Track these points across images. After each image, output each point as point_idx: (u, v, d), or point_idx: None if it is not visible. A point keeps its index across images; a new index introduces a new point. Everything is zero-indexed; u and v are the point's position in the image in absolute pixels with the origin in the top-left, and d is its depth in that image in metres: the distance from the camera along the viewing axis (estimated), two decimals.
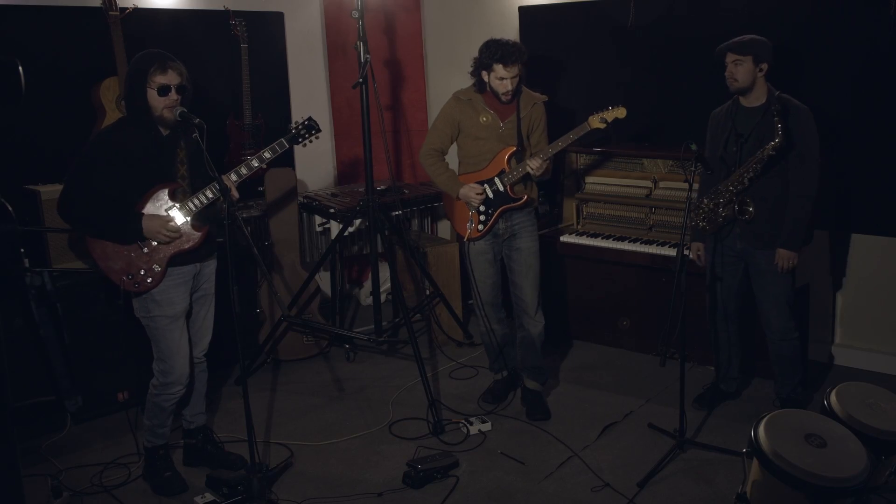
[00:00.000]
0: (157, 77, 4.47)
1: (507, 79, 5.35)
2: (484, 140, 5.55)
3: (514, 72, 5.34)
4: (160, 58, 4.51)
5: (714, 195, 5.28)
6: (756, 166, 5.06)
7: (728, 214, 5.25)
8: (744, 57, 5.10)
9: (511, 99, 5.48)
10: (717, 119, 5.46)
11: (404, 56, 8.31)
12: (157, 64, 4.47)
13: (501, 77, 5.36)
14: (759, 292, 5.41)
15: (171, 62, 4.52)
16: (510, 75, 5.34)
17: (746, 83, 5.15)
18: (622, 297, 6.71)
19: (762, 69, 5.14)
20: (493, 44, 5.37)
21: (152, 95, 4.49)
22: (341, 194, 7.40)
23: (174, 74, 4.51)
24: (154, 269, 4.64)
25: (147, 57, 4.52)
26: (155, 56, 4.51)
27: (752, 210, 5.14)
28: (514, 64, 5.32)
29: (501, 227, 5.62)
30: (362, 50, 5.90)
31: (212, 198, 4.67)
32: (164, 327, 4.76)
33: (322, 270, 7.08)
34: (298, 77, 7.84)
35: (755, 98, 5.22)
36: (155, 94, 4.48)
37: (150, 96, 4.49)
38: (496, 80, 5.39)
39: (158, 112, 4.51)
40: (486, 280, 5.74)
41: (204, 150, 4.37)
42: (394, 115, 8.33)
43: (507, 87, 5.38)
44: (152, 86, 4.47)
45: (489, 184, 5.54)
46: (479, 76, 5.50)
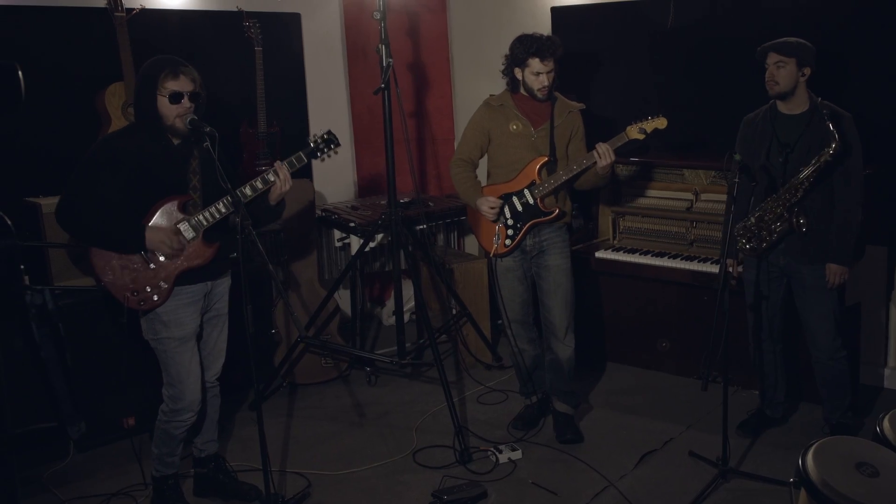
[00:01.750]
0: (168, 83, 4.48)
1: (543, 73, 5.36)
2: (514, 149, 5.55)
3: (550, 66, 5.36)
4: (172, 63, 4.52)
5: (762, 212, 5.24)
6: (811, 176, 5.03)
7: (783, 230, 5.21)
8: (787, 59, 5.06)
9: (548, 96, 5.49)
10: (753, 126, 5.41)
11: (429, 60, 8.34)
12: (168, 69, 4.49)
13: (537, 72, 5.37)
14: (804, 309, 5.37)
15: (183, 68, 4.53)
16: (546, 69, 5.35)
17: (787, 87, 5.12)
18: (661, 317, 6.68)
19: (805, 74, 5.10)
20: (526, 38, 5.39)
21: (163, 103, 4.50)
22: (362, 207, 7.41)
23: (187, 81, 4.52)
24: (161, 286, 4.64)
25: (158, 62, 4.54)
26: (166, 61, 4.53)
27: (804, 222, 5.11)
28: (550, 58, 5.34)
29: (529, 242, 5.62)
30: (384, 53, 5.92)
31: (225, 212, 4.68)
32: (173, 350, 4.76)
33: (341, 288, 7.09)
34: (316, 82, 7.87)
35: (796, 105, 5.19)
36: (166, 101, 4.49)
37: (160, 104, 4.51)
38: (531, 75, 5.40)
39: (170, 121, 4.53)
40: (514, 298, 5.73)
41: (216, 160, 4.37)
42: (418, 123, 8.35)
43: (544, 83, 5.39)
44: (163, 93, 4.49)
45: (518, 196, 5.54)
46: (512, 74, 5.51)
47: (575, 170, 5.44)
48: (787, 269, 5.35)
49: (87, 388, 5.71)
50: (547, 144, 5.52)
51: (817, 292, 5.26)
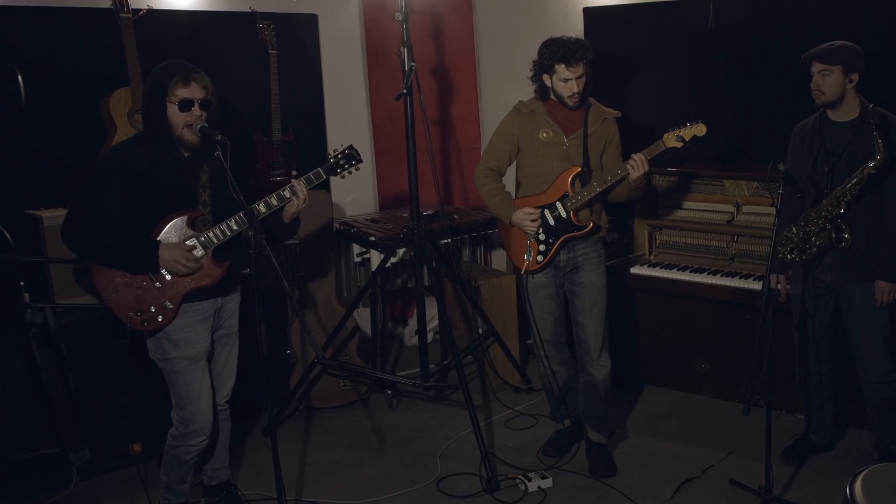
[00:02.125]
0: (178, 90, 4.47)
1: (572, 79, 5.32)
2: (545, 158, 5.52)
3: (579, 71, 5.31)
4: (182, 69, 4.52)
5: (805, 222, 5.20)
6: (854, 188, 4.98)
7: (823, 243, 5.16)
8: (832, 67, 5.00)
9: (579, 103, 5.45)
10: (802, 134, 5.36)
11: (454, 64, 8.33)
12: (178, 76, 4.48)
13: (565, 78, 5.33)
14: (853, 329, 5.31)
15: (194, 74, 4.52)
16: (574, 75, 5.31)
17: (834, 96, 5.06)
18: (700, 337, 6.63)
19: (852, 80, 5.04)
20: (552, 42, 5.36)
21: (173, 111, 4.49)
22: (382, 220, 7.40)
23: (198, 87, 4.52)
24: (166, 306, 4.63)
25: (167, 68, 4.53)
26: (176, 67, 4.53)
27: (849, 237, 5.05)
28: (577, 63, 5.30)
29: (563, 258, 5.58)
30: (406, 57, 5.90)
31: (237, 229, 4.67)
32: (182, 370, 4.74)
33: (361, 306, 7.09)
34: (334, 87, 7.87)
35: (846, 112, 5.14)
36: (176, 109, 4.48)
37: (170, 112, 4.50)
38: (559, 82, 5.37)
39: (179, 130, 4.52)
40: (546, 317, 5.71)
41: (228, 171, 4.34)
42: (442, 131, 8.34)
43: (574, 90, 5.35)
44: (173, 100, 4.48)
45: (550, 209, 5.51)
46: (541, 81, 5.49)
47: (609, 181, 5.40)
48: (835, 285, 5.29)
49: (91, 412, 5.71)
50: (580, 154, 5.49)
51: (866, 311, 5.21)
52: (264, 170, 6.93)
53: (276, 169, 6.92)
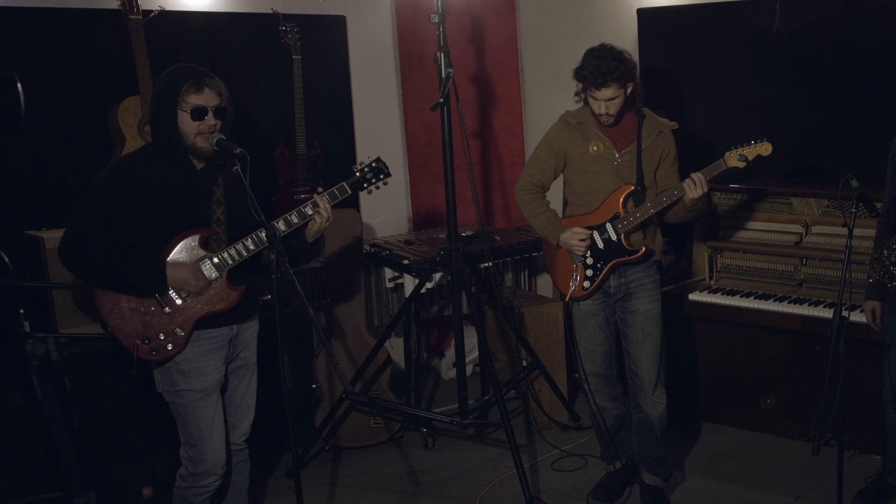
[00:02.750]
0: (190, 97, 4.46)
1: (601, 101, 5.30)
2: (595, 174, 5.49)
3: (608, 94, 5.27)
4: (194, 74, 4.51)
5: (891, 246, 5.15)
6: None
7: None
8: None
9: (613, 123, 5.44)
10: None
11: (496, 70, 8.32)
12: (190, 81, 4.47)
13: (593, 97, 5.33)
14: None
15: (207, 79, 4.52)
16: (604, 98, 5.28)
17: None
18: (766, 369, 6.59)
19: None
20: (590, 54, 5.32)
21: (184, 119, 4.48)
22: (417, 242, 7.38)
23: (212, 94, 4.51)
24: (176, 333, 4.62)
25: (178, 73, 4.53)
26: (188, 71, 4.52)
27: None
28: (603, 87, 5.26)
29: (613, 284, 5.56)
30: (443, 62, 5.89)
31: (254, 249, 4.66)
32: (192, 404, 4.73)
33: (393, 336, 7.07)
34: (364, 96, 7.88)
35: None
36: (187, 117, 4.47)
37: (181, 120, 4.49)
38: (590, 98, 5.37)
39: (191, 140, 4.51)
40: (595, 348, 5.68)
41: (247, 187, 4.34)
42: (482, 144, 8.34)
43: (600, 111, 5.34)
44: (184, 108, 4.47)
45: (599, 230, 5.48)
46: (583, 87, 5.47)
47: (665, 202, 5.37)
48: None
49: (98, 452, 5.71)
50: (633, 170, 5.46)
51: None
52: (287, 187, 6.93)
53: (300, 186, 6.92)
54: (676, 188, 5.32)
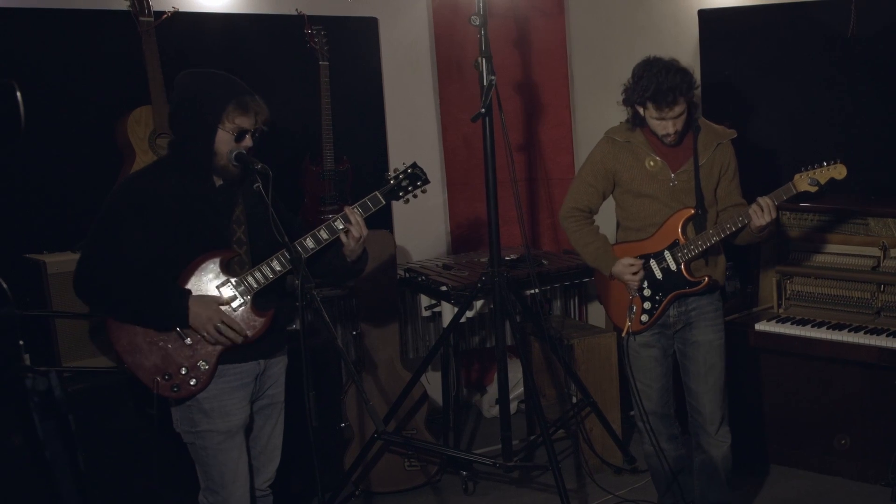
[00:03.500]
0: (236, 118, 4.46)
1: (668, 120, 5.26)
2: (649, 198, 5.47)
3: (675, 112, 5.23)
4: (238, 93, 4.49)
5: None
6: None
7: None
8: None
9: (677, 141, 5.40)
10: None
11: (543, 77, 8.31)
12: (236, 101, 4.46)
13: (657, 118, 5.28)
14: None
15: (250, 99, 4.51)
16: (670, 116, 5.24)
17: None
18: (840, 407, 6.54)
19: None
20: (646, 72, 5.26)
21: (224, 139, 4.47)
22: (456, 266, 7.37)
23: (255, 117, 4.53)
24: (200, 366, 4.58)
25: (224, 88, 4.51)
26: (233, 88, 4.51)
27: None
28: (671, 106, 5.22)
29: (672, 314, 5.53)
30: (485, 69, 5.88)
31: (280, 270, 4.63)
32: (215, 447, 4.69)
33: (430, 370, 7.05)
34: (398, 106, 7.90)
35: None
36: (229, 138, 4.46)
37: (220, 139, 4.47)
38: (651, 119, 5.32)
39: (224, 161, 4.50)
40: (652, 384, 5.64)
41: (269, 205, 4.33)
42: (528, 158, 8.33)
43: (668, 130, 5.29)
44: (228, 128, 4.46)
45: (657, 259, 5.46)
46: (634, 108, 5.43)
47: (730, 229, 5.32)
48: None
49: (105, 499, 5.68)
50: (691, 191, 5.43)
51: None
52: (313, 205, 6.93)
53: (327, 204, 6.92)
54: (742, 214, 5.27)
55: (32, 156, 5.94)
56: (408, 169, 4.95)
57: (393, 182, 4.92)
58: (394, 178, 4.93)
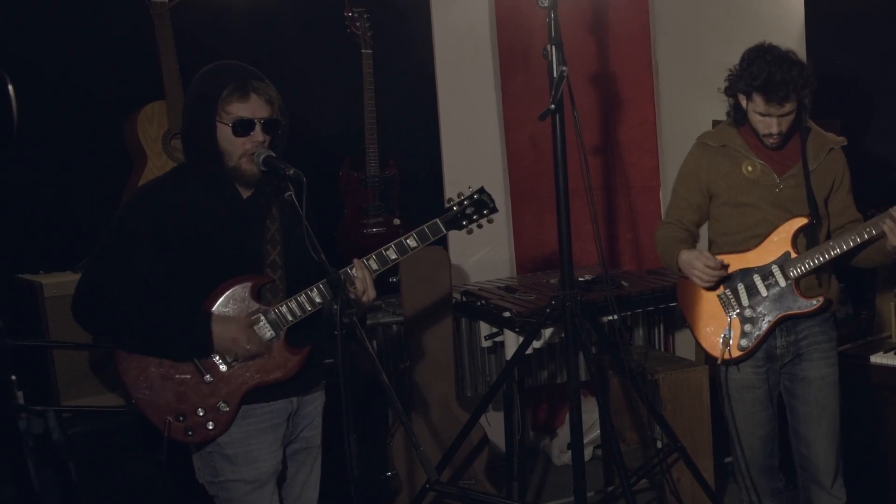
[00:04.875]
0: (232, 106, 4.40)
1: (774, 118, 5.24)
2: (750, 207, 5.46)
3: (785, 109, 5.21)
4: (238, 75, 4.45)
5: None
6: None
7: None
8: None
9: (779, 144, 5.37)
10: None
11: (623, 68, 8.29)
12: (233, 85, 4.41)
13: (763, 113, 5.26)
14: None
15: (255, 82, 4.46)
16: (777, 113, 5.22)
17: None
18: None
19: None
20: (757, 58, 5.25)
21: (225, 135, 4.43)
22: (521, 289, 7.35)
23: (260, 102, 4.45)
24: (219, 408, 4.55)
25: (217, 74, 4.48)
26: (230, 72, 4.47)
27: None
28: (783, 102, 5.19)
29: (780, 344, 5.49)
30: (555, 58, 5.83)
31: (320, 303, 4.59)
32: (242, 498, 4.67)
33: (491, 410, 7.07)
34: (454, 101, 7.91)
35: None
36: (229, 132, 4.42)
37: (221, 136, 4.43)
38: (755, 114, 5.30)
39: (234, 161, 4.45)
40: (755, 430, 5.61)
41: (303, 217, 4.26)
42: (605, 163, 8.30)
43: (772, 130, 5.28)
44: (225, 119, 4.41)
45: (762, 274, 5.43)
46: (737, 99, 5.41)
47: (853, 241, 5.27)
48: None
49: None
50: (801, 199, 5.41)
51: None
52: (355, 218, 6.93)
53: (371, 216, 6.91)
54: (872, 225, 5.23)
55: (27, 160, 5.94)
56: (474, 195, 4.90)
57: (456, 209, 4.89)
58: (457, 203, 4.89)
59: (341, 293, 4.29)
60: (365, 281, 4.62)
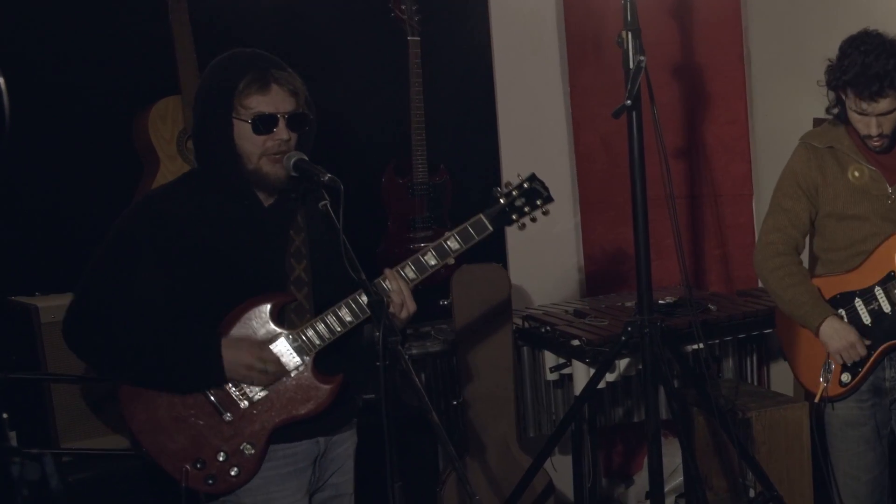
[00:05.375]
0: (251, 99, 4.37)
1: (871, 117, 5.21)
2: (858, 220, 5.44)
3: (884, 107, 5.18)
4: (256, 64, 4.43)
5: None
6: None
7: None
8: None
9: (885, 147, 5.35)
10: None
11: (709, 58, 8.26)
12: (251, 75, 4.38)
13: (859, 111, 5.24)
14: None
15: (276, 71, 4.43)
16: (874, 111, 5.20)
17: None
18: None
19: None
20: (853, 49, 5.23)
21: (243, 132, 4.39)
22: (593, 312, 7.35)
23: (283, 95, 4.42)
24: (244, 451, 4.51)
25: (233, 63, 4.46)
26: (248, 60, 4.44)
27: None
28: (881, 96, 5.14)
29: (888, 376, 5.49)
30: (632, 47, 5.81)
31: (352, 322, 4.54)
32: None
33: (558, 453, 7.07)
34: (514, 97, 7.90)
35: None
36: (247, 129, 4.38)
37: (238, 134, 4.40)
38: (853, 113, 5.29)
39: (254, 163, 4.42)
40: (860, 474, 5.59)
41: (341, 232, 4.21)
42: (690, 168, 8.29)
43: (871, 130, 5.27)
44: (243, 115, 4.37)
45: (864, 298, 5.42)
46: (837, 94, 5.38)
47: None
48: None
49: None
50: None
51: None
52: (400, 232, 6.91)
53: (419, 229, 6.89)
54: None
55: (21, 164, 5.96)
56: (523, 183, 4.80)
57: (504, 201, 4.77)
58: (504, 195, 4.79)
59: (384, 318, 4.18)
60: (401, 293, 4.54)
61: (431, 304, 6.92)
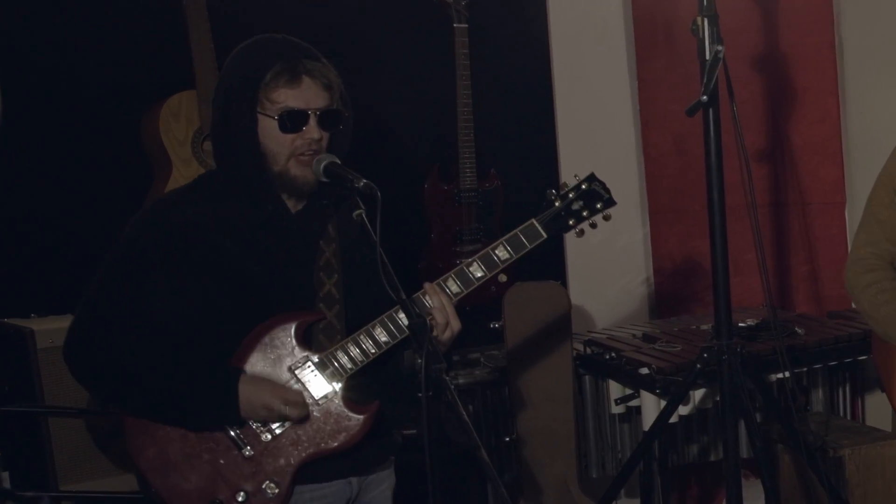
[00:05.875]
0: (279, 93, 4.36)
1: None
2: None
3: None
4: (287, 53, 4.41)
5: None
6: None
7: None
8: None
9: None
10: None
11: (796, 49, 8.25)
12: (279, 65, 4.37)
13: None
14: None
15: (307, 62, 4.42)
16: None
17: None
18: None
19: None
20: None
21: (269, 130, 4.38)
22: (664, 337, 7.35)
23: (315, 88, 4.41)
24: (266, 491, 4.49)
25: (258, 51, 4.45)
26: (275, 49, 4.43)
27: None
28: None
29: None
30: (708, 36, 5.80)
31: (388, 344, 4.52)
32: None
33: (623, 496, 7.08)
34: (574, 92, 7.91)
35: None
36: (274, 126, 4.37)
37: (263, 132, 4.39)
38: None
39: (281, 164, 4.41)
40: None
41: (378, 245, 4.19)
42: (774, 172, 8.27)
43: None
44: (269, 110, 4.36)
45: None
46: None
47: None
48: None
49: None
50: None
51: None
52: (445, 244, 6.91)
53: (466, 242, 6.88)
54: None
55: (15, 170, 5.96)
56: (581, 184, 4.75)
57: (559, 203, 4.72)
58: (560, 197, 4.73)
59: (427, 343, 4.15)
60: (444, 310, 4.49)
61: (481, 327, 6.93)
